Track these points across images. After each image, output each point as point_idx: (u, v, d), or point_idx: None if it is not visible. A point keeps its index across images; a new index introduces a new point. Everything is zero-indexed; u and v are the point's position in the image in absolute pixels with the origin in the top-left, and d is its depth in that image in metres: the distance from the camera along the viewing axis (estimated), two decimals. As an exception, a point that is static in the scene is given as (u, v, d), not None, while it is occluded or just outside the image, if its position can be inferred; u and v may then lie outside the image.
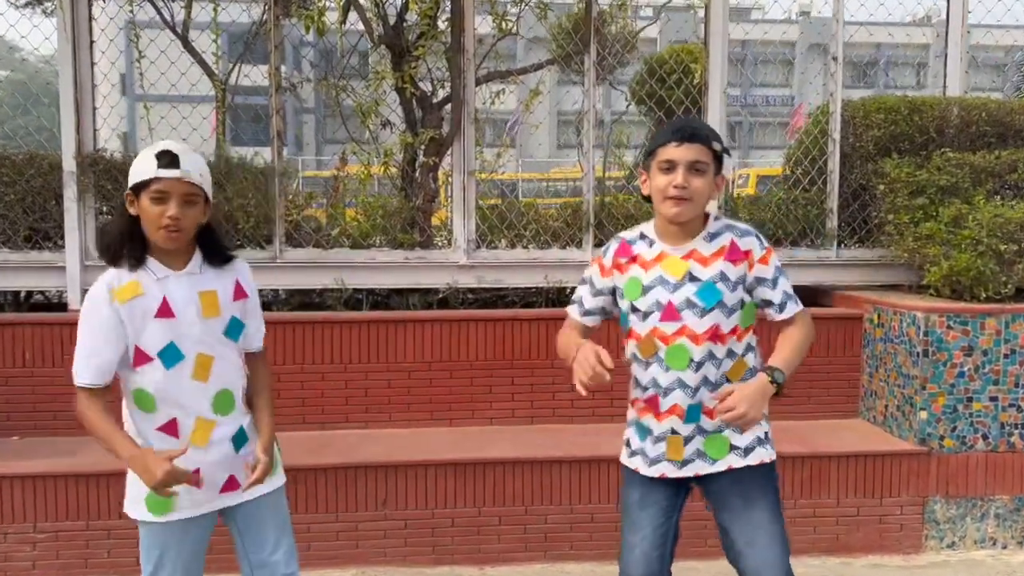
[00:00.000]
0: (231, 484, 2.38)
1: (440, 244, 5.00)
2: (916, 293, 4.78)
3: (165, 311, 2.22)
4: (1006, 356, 4.14)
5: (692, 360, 2.36)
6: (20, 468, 3.84)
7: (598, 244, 4.91)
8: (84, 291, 4.61)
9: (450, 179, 4.95)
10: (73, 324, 4.29)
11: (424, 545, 4.00)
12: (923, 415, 4.14)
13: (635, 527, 2.51)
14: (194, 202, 2.21)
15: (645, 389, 2.45)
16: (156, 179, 2.14)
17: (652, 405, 2.44)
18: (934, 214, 4.59)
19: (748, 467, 2.43)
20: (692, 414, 2.41)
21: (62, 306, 4.72)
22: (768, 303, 2.42)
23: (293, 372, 4.38)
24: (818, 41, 34.41)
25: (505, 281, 4.86)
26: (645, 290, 2.41)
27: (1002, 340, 4.13)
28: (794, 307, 2.42)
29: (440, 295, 4.86)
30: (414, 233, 4.89)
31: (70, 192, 4.58)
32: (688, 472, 2.45)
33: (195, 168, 2.20)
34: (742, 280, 2.39)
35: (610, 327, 2.63)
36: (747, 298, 2.41)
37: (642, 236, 2.50)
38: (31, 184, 4.65)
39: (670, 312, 2.37)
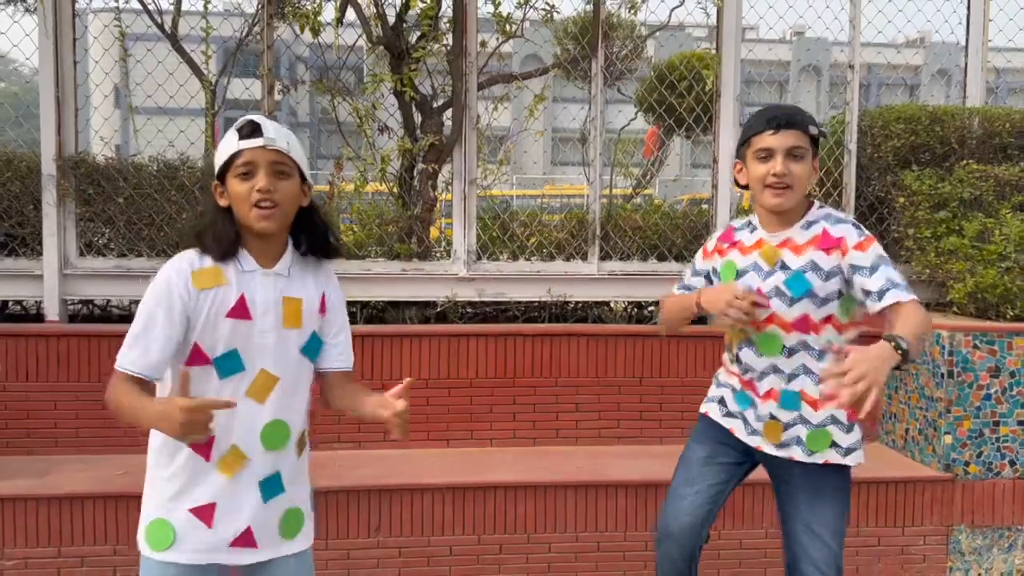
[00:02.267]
0: (246, 538, 1.98)
1: (439, 255, 4.80)
2: (935, 311, 4.59)
3: (240, 311, 1.92)
4: (1035, 378, 3.95)
5: (784, 347, 2.39)
6: (-13, 489, 3.61)
7: (604, 257, 4.73)
8: (63, 301, 4.42)
9: (449, 187, 4.75)
10: (49, 336, 4.15)
11: (420, 575, 3.79)
12: (948, 439, 3.95)
13: (692, 481, 2.57)
14: (286, 174, 1.93)
15: (745, 371, 2.50)
16: (239, 152, 1.90)
17: (751, 387, 2.49)
18: (957, 228, 4.42)
19: (838, 465, 2.42)
20: (790, 401, 2.41)
21: (39, 317, 4.48)
22: (866, 292, 2.23)
23: (282, 388, 4.16)
24: (811, 62, 34.60)
25: (507, 295, 4.68)
26: (739, 274, 2.46)
27: (1031, 361, 3.94)
28: (899, 294, 2.15)
29: (438, 309, 4.68)
30: (412, 243, 4.68)
31: (49, 196, 4.35)
32: (783, 453, 2.45)
33: (281, 136, 1.93)
34: (838, 270, 2.32)
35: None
36: (845, 289, 2.34)
37: (749, 224, 2.56)
38: (8, 188, 4.41)
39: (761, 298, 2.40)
